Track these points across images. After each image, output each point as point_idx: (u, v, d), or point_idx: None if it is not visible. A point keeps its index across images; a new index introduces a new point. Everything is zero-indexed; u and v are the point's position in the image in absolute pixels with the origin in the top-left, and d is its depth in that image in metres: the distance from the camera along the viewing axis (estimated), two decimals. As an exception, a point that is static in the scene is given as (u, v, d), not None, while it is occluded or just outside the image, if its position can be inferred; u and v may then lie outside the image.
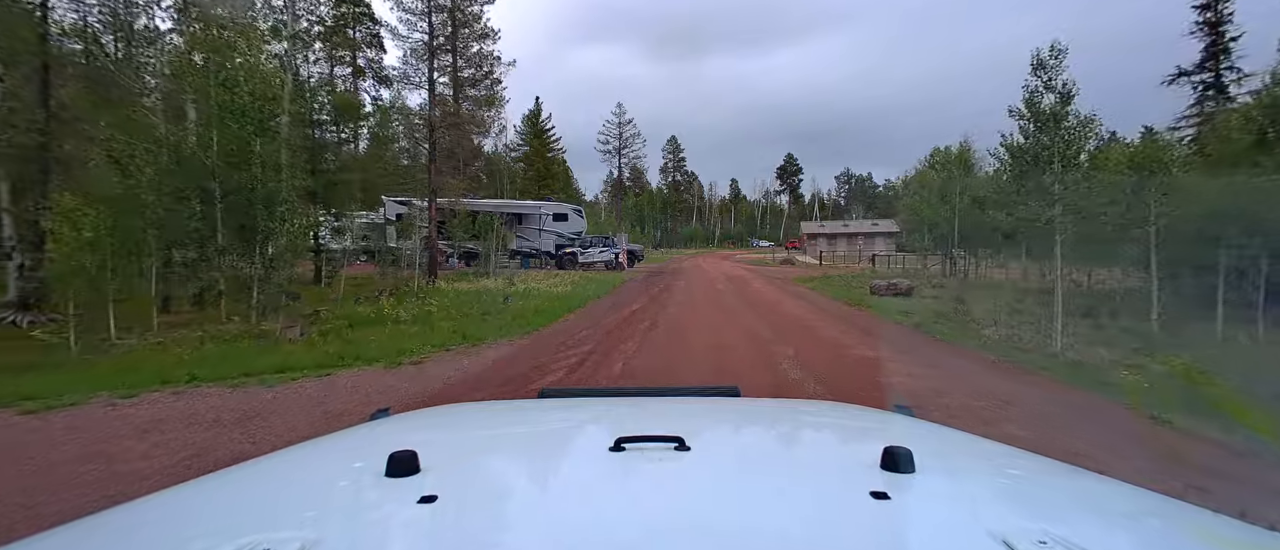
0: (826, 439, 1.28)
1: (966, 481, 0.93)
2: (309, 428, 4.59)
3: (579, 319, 11.45)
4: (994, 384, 6.28)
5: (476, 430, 1.27)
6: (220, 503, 0.87)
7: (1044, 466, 1.02)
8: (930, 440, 1.16)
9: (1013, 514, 0.79)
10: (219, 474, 1.00)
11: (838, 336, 8.95)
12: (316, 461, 1.07)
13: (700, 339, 8.75)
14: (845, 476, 0.88)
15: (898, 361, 7.24)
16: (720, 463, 0.94)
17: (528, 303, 13.56)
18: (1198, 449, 4.21)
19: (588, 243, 27.88)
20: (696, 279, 22.81)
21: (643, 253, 33.15)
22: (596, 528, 0.67)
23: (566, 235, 28.51)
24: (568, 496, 0.84)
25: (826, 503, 0.78)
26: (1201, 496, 3.12)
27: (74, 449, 4.12)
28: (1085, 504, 0.86)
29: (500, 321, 10.37)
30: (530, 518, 0.75)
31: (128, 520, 0.79)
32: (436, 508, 0.70)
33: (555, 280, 19.02)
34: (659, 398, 1.56)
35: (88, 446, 4.15)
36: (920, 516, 0.75)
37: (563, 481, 0.93)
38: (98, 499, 3.20)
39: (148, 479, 3.56)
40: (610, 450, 0.87)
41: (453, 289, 15.49)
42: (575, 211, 29.70)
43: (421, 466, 0.81)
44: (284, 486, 0.92)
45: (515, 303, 13.13)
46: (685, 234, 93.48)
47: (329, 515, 0.78)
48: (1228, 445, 4.27)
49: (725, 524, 0.69)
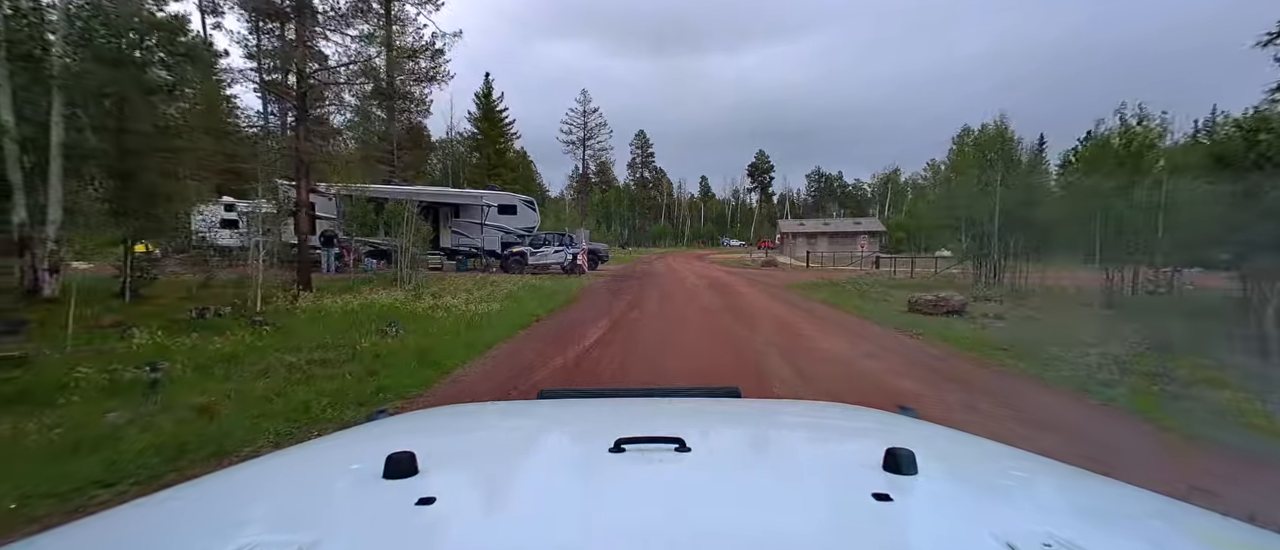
0: (828, 440, 1.26)
1: (970, 483, 0.93)
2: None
3: (494, 367, 6.63)
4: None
5: (475, 431, 1.26)
6: (216, 506, 0.85)
7: (1048, 468, 1.02)
8: (933, 441, 1.14)
9: (1017, 516, 0.78)
10: (214, 476, 0.99)
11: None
12: (313, 463, 1.06)
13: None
14: (847, 478, 0.87)
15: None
16: (721, 464, 0.94)
17: (428, 329, 8.62)
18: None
19: (542, 240, 22.89)
20: (673, 287, 18.15)
21: (607, 253, 28.25)
22: (596, 530, 0.67)
23: (515, 231, 23.47)
24: (567, 498, 0.81)
25: (828, 504, 0.77)
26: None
27: None
28: (1090, 506, 0.85)
29: (332, 380, 5.48)
30: (529, 519, 0.72)
31: (120, 524, 0.78)
32: (435, 509, 0.70)
33: (490, 289, 14.04)
34: (659, 398, 1.57)
35: None
36: (923, 519, 0.74)
37: (562, 483, 0.90)
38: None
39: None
40: (610, 451, 0.86)
41: (325, 306, 10.39)
42: (526, 203, 24.62)
43: (419, 468, 0.80)
44: (280, 488, 0.92)
45: (401, 336, 8.15)
46: (653, 232, 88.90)
47: (326, 517, 0.77)
48: None
49: (726, 526, 0.68)
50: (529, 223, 24.18)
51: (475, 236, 23.00)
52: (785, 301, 14.51)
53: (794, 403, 2.70)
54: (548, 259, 22.24)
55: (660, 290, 16.96)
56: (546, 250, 22.36)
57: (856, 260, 36.71)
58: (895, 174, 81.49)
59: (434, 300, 11.71)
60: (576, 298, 14.54)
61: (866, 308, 13.24)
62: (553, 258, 22.22)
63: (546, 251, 22.33)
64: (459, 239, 22.87)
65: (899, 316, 11.55)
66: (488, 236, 23.16)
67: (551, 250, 22.33)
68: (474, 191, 24.90)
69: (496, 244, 23.04)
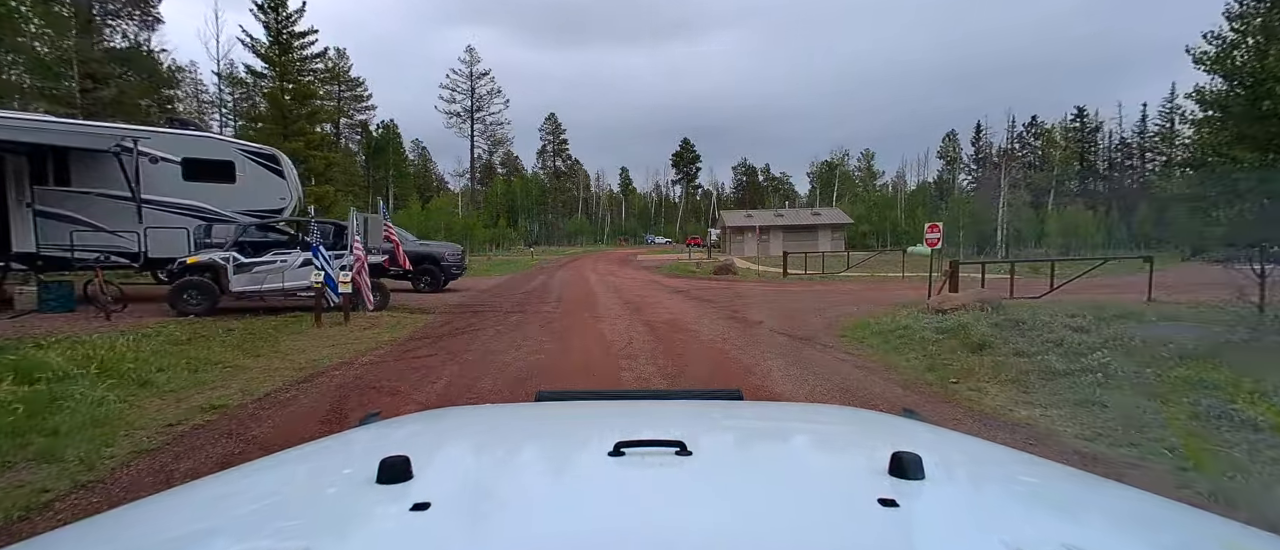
0: (832, 444, 1.19)
1: (978, 489, 0.91)
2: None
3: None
4: None
5: (471, 435, 1.21)
6: (204, 513, 0.81)
7: (1058, 474, 1.00)
8: (939, 446, 1.10)
9: (1027, 523, 0.75)
10: (202, 482, 0.96)
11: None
12: (304, 468, 1.02)
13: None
14: (852, 483, 0.84)
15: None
16: (723, 468, 0.92)
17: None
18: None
19: (288, 240, 10.47)
20: (578, 357, 6.36)
21: (458, 261, 15.19)
22: (595, 535, 0.66)
23: (227, 214, 10.75)
24: (565, 503, 0.79)
25: (833, 510, 0.75)
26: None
27: None
28: (1102, 512, 0.83)
29: None
30: (527, 525, 0.71)
31: (101, 533, 0.76)
32: (429, 516, 0.68)
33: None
34: (659, 401, 1.56)
35: None
36: (930, 525, 0.72)
37: (560, 488, 0.87)
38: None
39: None
40: (609, 455, 0.84)
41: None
42: (258, 161, 11.63)
43: (414, 473, 0.78)
44: (270, 495, 0.88)
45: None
46: (569, 228, 76.24)
47: (317, 524, 0.74)
48: None
49: (728, 532, 0.67)
50: (269, 197, 11.42)
51: (118, 223, 10.01)
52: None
53: (797, 405, 2.73)
54: (290, 282, 9.65)
55: (543, 375, 5.17)
56: (288, 260, 9.74)
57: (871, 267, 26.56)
58: (841, 160, 72.97)
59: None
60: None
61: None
62: (295, 277, 9.61)
63: (288, 261, 9.72)
64: (68, 232, 9.77)
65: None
66: (155, 225, 10.25)
67: (292, 260, 9.72)
68: (111, 128, 11.26)
69: (179, 243, 10.18)
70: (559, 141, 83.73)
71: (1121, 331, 7.16)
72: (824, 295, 14.62)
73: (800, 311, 11.17)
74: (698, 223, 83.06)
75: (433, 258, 14.44)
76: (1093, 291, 12.13)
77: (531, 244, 65.29)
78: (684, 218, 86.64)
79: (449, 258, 14.71)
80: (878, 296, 13.43)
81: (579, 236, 74.56)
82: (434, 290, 14.15)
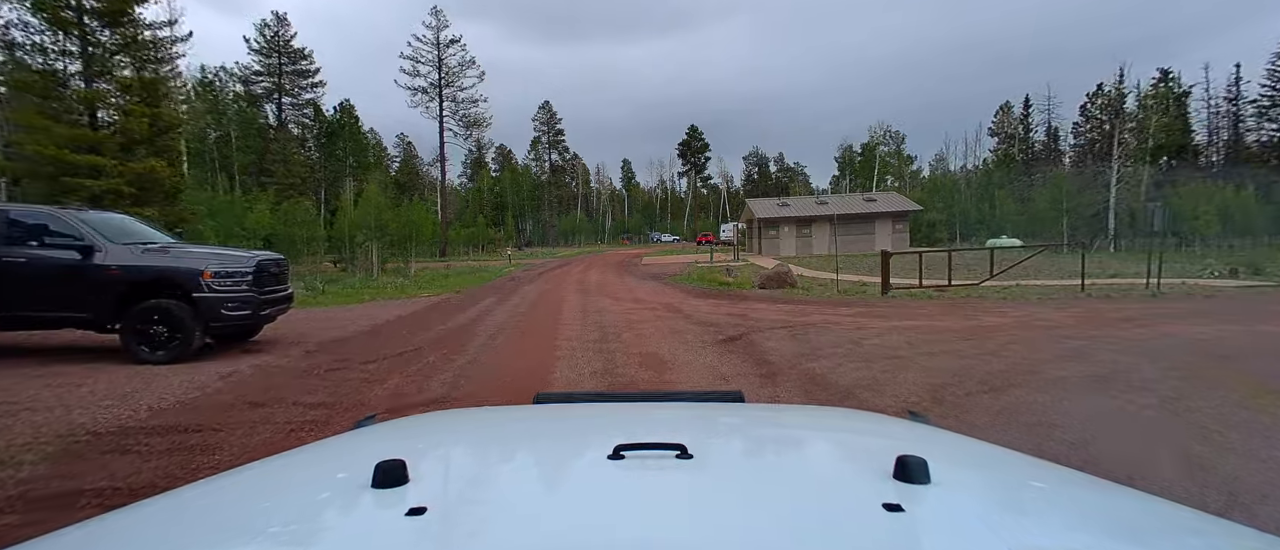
0: (836, 447, 1.14)
1: (986, 493, 0.87)
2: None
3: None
4: None
5: (468, 438, 1.17)
6: (192, 518, 0.78)
7: (1069, 479, 0.95)
8: (946, 449, 1.04)
9: (1036, 529, 0.74)
10: (192, 486, 0.91)
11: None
12: (297, 472, 0.97)
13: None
14: (856, 487, 0.82)
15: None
16: (724, 472, 0.89)
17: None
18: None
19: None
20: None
21: (254, 289, 7.05)
22: (594, 540, 0.65)
23: None
24: (564, 507, 0.77)
25: (836, 514, 0.73)
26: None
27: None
28: (1117, 521, 0.79)
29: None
30: (524, 530, 0.69)
31: (91, 538, 0.74)
32: (425, 520, 0.67)
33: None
34: (659, 403, 1.53)
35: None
36: (937, 530, 0.70)
37: (559, 492, 0.84)
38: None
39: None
40: (609, 459, 0.82)
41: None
42: None
43: (410, 476, 0.76)
44: (261, 500, 0.84)
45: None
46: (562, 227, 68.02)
47: (309, 529, 0.72)
48: None
49: (729, 536, 0.66)
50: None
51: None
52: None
53: (800, 408, 2.57)
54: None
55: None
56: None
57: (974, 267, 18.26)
58: (882, 138, 62.59)
59: None
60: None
61: None
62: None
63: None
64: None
65: None
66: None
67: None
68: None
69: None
70: (555, 132, 75.34)
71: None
72: (1135, 346, 6.31)
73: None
74: (708, 218, 74.71)
75: (172, 280, 6.31)
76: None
77: (525, 245, 57.24)
78: (692, 213, 78.37)
79: (224, 284, 6.53)
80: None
81: (576, 235, 66.40)
82: (170, 358, 6.03)
